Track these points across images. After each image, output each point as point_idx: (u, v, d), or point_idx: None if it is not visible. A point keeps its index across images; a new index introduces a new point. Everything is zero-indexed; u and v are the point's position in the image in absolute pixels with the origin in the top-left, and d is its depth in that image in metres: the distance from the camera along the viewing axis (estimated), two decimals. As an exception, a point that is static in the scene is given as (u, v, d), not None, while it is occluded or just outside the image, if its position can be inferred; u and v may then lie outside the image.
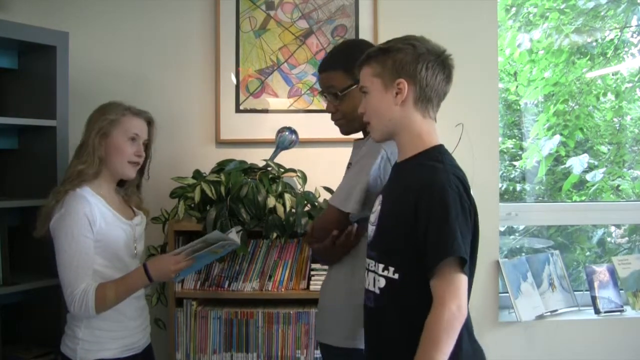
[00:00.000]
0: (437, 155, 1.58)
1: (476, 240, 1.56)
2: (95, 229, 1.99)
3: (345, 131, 2.02)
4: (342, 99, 1.93)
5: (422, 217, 1.48)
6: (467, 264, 1.45)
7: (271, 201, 2.51)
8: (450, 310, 1.42)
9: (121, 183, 2.20)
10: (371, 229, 1.68)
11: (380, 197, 1.69)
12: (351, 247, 1.91)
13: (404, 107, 1.60)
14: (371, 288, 1.64)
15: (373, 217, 1.68)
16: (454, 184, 1.49)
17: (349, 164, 2.04)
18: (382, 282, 1.59)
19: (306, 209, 2.58)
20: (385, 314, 1.60)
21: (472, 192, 1.55)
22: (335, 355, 1.92)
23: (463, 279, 1.45)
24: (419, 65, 1.57)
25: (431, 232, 1.47)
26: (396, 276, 1.55)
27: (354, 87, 1.90)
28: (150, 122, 2.19)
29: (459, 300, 1.43)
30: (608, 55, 3.74)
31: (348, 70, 1.90)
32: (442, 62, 1.60)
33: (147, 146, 2.19)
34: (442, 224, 1.45)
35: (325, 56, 2.08)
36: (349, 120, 1.96)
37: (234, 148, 2.90)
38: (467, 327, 1.54)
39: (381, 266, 1.60)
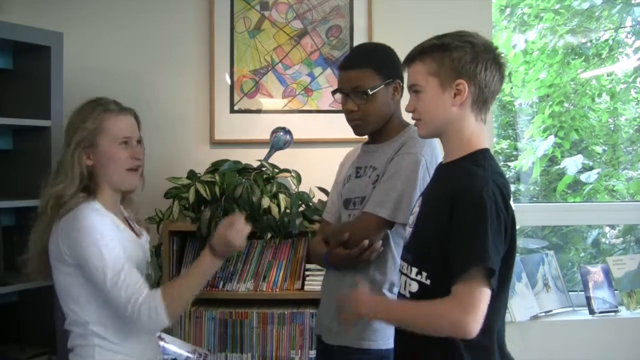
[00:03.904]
0: (481, 160, 1.51)
1: (512, 254, 1.47)
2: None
3: (360, 132, 1.99)
4: (369, 98, 1.90)
5: (455, 223, 1.42)
6: (495, 277, 1.36)
7: (266, 201, 2.51)
8: (457, 318, 1.35)
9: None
10: (408, 231, 1.64)
11: (420, 199, 1.64)
12: (371, 259, 1.88)
13: (460, 109, 1.51)
14: (402, 291, 1.60)
15: (411, 219, 1.64)
16: (491, 191, 1.41)
17: (358, 167, 2.02)
18: (414, 287, 1.53)
19: (300, 209, 2.58)
20: None
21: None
22: (353, 357, 1.91)
23: (486, 293, 1.36)
24: (479, 65, 1.49)
25: (461, 239, 1.40)
26: (428, 282, 1.49)
27: (382, 87, 1.90)
28: (136, 117, 1.90)
29: (473, 316, 1.34)
30: (603, 56, 3.75)
31: (378, 70, 1.90)
32: (497, 61, 1.52)
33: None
34: (474, 232, 1.38)
35: (352, 54, 2.04)
36: (368, 120, 1.94)
37: (229, 148, 2.89)
38: (499, 344, 1.48)
39: (414, 270, 1.54)
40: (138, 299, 1.62)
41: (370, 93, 1.89)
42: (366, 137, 2.05)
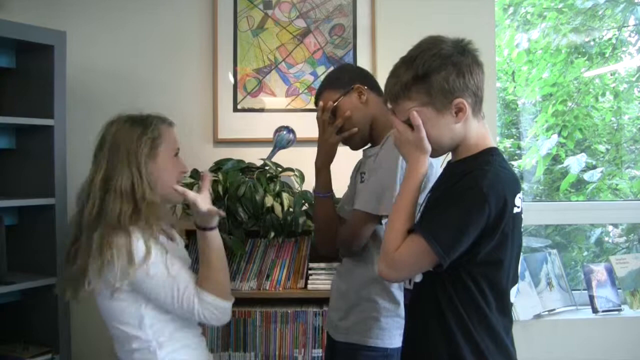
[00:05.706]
0: (488, 157, 1.49)
1: (504, 249, 1.47)
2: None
3: (354, 147, 2.04)
4: (337, 113, 1.96)
5: (444, 195, 1.48)
6: (441, 254, 1.39)
7: (269, 200, 2.52)
8: (384, 265, 1.46)
9: None
10: None
11: (427, 196, 1.62)
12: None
13: (464, 122, 1.48)
14: (407, 286, 1.61)
15: (417, 215, 1.65)
16: (488, 184, 1.40)
17: (362, 173, 2.03)
18: (417, 277, 1.54)
19: (304, 208, 2.58)
20: (418, 307, 1.57)
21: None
22: (368, 356, 1.92)
23: (418, 261, 1.44)
24: (465, 76, 1.45)
25: (433, 208, 1.47)
26: (431, 268, 1.48)
27: (341, 97, 1.95)
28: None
29: (394, 272, 1.47)
30: (606, 55, 3.74)
31: (333, 87, 1.98)
32: (472, 57, 1.49)
33: None
34: (445, 207, 1.43)
35: (316, 93, 2.10)
36: (351, 132, 1.97)
37: (232, 147, 2.90)
38: (496, 336, 1.48)
39: None
40: (194, 308, 1.70)
41: (334, 106, 1.96)
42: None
